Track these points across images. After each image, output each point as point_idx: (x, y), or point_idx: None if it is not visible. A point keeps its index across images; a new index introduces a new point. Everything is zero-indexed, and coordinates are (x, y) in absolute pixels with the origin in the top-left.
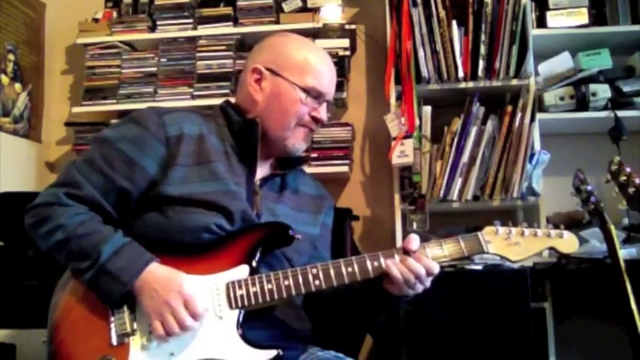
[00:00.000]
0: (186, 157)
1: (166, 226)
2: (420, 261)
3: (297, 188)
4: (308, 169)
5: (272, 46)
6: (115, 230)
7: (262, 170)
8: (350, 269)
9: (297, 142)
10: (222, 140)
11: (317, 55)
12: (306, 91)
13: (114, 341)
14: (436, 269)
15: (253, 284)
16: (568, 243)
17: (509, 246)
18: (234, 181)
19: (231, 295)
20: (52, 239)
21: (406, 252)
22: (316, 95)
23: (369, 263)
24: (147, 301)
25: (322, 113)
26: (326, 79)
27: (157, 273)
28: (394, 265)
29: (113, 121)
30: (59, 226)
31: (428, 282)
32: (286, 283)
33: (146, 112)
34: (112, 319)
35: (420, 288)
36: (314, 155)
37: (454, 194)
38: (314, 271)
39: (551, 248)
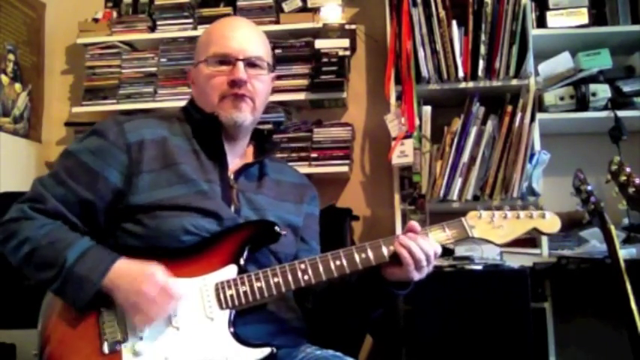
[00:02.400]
0: (150, 163)
1: (144, 234)
2: (428, 241)
3: (278, 178)
4: (308, 169)
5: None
6: (82, 236)
7: (235, 162)
8: (338, 262)
9: (226, 113)
10: (187, 139)
11: (220, 24)
12: (208, 61)
13: (105, 349)
14: (439, 250)
15: (242, 283)
16: (550, 223)
17: (493, 229)
18: (206, 179)
19: (221, 295)
20: (20, 253)
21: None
22: (222, 59)
23: (356, 256)
24: (121, 296)
25: (236, 72)
26: (228, 39)
27: (126, 267)
28: (403, 245)
29: None
30: (25, 239)
31: (431, 265)
32: (275, 280)
33: (106, 123)
34: (102, 326)
35: (425, 271)
36: (314, 155)
37: (454, 194)
38: (302, 266)
39: (535, 229)
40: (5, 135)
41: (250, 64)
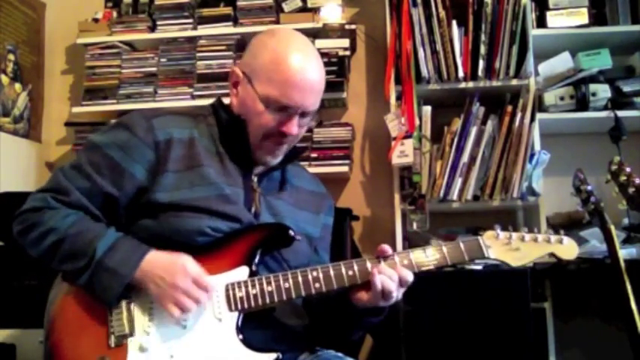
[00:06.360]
0: (176, 163)
1: (159, 231)
2: (395, 268)
3: (297, 185)
4: (308, 169)
5: (254, 46)
6: (108, 226)
7: (259, 166)
8: (350, 272)
9: (263, 155)
10: (213, 140)
11: (292, 60)
12: (266, 102)
13: (111, 342)
14: (410, 277)
15: (253, 286)
16: (568, 249)
17: (509, 251)
18: (228, 183)
19: (231, 296)
20: (44, 243)
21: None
22: (280, 108)
23: (369, 266)
24: (154, 288)
25: (290, 127)
26: (296, 90)
27: (158, 260)
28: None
29: (112, 120)
30: (50, 229)
31: (400, 292)
32: (286, 285)
33: (135, 117)
34: (110, 319)
35: (392, 300)
36: (314, 155)
37: (454, 194)
38: (314, 273)
39: (551, 254)
40: (5, 135)
41: (303, 114)
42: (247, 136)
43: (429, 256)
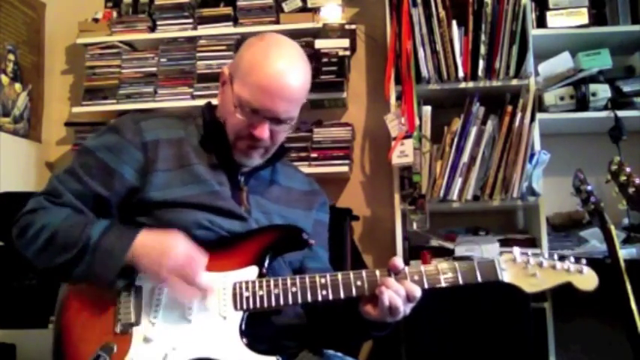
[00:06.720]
0: (166, 162)
1: (156, 226)
2: (403, 283)
3: (287, 184)
4: (308, 169)
5: (242, 47)
6: (97, 217)
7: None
8: (359, 282)
9: (239, 156)
10: (200, 141)
11: (269, 65)
12: (239, 103)
13: (118, 329)
14: (417, 293)
15: (260, 287)
16: (587, 280)
17: (525, 276)
18: (217, 181)
19: (238, 295)
20: (40, 240)
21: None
22: (251, 110)
23: (378, 278)
24: (145, 262)
25: (260, 131)
26: (266, 95)
27: (149, 238)
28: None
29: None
30: (44, 225)
31: (408, 308)
32: (293, 289)
33: (124, 120)
34: (118, 306)
35: (399, 316)
36: (314, 155)
37: (454, 194)
38: (322, 280)
39: (569, 283)
40: (5, 135)
41: (277, 120)
42: (227, 137)
43: (440, 274)
